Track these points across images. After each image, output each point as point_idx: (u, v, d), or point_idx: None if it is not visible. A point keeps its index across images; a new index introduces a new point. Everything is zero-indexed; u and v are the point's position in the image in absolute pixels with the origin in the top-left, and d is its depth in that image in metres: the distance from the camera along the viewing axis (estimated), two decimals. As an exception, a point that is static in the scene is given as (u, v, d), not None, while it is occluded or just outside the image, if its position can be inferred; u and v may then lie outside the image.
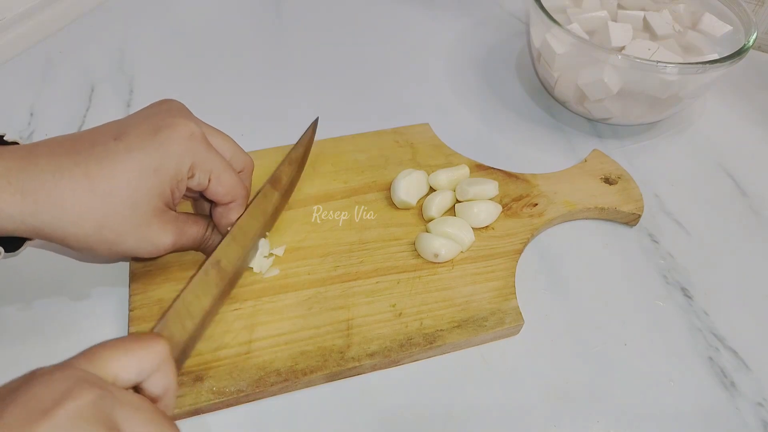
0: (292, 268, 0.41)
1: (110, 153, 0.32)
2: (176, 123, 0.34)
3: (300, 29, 0.67)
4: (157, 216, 0.33)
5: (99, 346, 0.26)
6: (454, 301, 0.40)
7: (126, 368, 0.26)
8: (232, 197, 0.37)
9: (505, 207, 0.46)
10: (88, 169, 0.31)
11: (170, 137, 0.33)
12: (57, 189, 0.30)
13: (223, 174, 0.36)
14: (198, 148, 0.34)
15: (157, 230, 0.34)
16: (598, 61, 0.48)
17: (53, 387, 0.23)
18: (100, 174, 0.31)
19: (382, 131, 0.52)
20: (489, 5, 0.73)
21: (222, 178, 0.36)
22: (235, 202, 0.38)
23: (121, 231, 0.32)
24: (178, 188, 0.34)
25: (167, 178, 0.33)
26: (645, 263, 0.45)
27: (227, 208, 0.38)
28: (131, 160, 0.32)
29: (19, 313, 0.40)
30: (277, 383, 0.35)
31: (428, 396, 0.37)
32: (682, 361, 0.40)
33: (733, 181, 0.52)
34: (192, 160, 0.34)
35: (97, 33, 0.64)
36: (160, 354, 0.28)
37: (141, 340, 0.27)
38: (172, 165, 0.33)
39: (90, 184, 0.31)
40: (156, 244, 0.34)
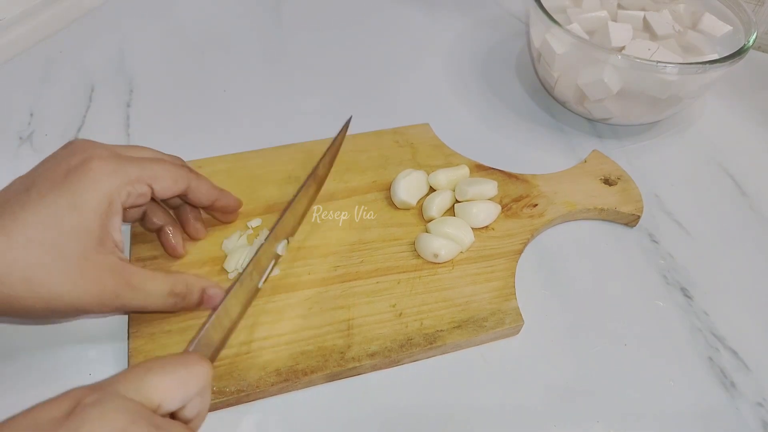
0: (292, 268, 0.41)
1: (23, 204, 0.30)
2: (85, 158, 0.32)
3: (300, 29, 0.67)
4: (91, 261, 0.30)
5: (145, 369, 0.25)
6: (454, 301, 0.40)
7: (172, 397, 0.25)
8: (184, 182, 0.36)
9: (505, 207, 0.46)
10: (3, 225, 0.29)
11: (84, 172, 0.31)
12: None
13: (158, 172, 0.34)
14: (118, 169, 0.32)
15: (94, 277, 0.30)
16: (598, 61, 0.48)
17: (107, 422, 0.22)
18: (16, 226, 0.29)
19: (382, 131, 0.52)
20: (489, 5, 0.73)
21: (160, 175, 0.34)
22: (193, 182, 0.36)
23: (50, 282, 0.29)
24: (109, 220, 0.32)
25: (90, 212, 0.30)
26: (645, 263, 0.45)
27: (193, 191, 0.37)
28: (45, 204, 0.30)
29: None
30: (277, 383, 0.35)
31: (428, 396, 0.37)
32: (682, 361, 0.40)
33: (733, 181, 0.52)
34: (118, 183, 0.32)
35: (97, 33, 0.64)
36: (204, 379, 0.27)
37: (187, 364, 0.26)
38: (94, 197, 0.31)
39: (8, 239, 0.29)
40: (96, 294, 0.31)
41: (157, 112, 0.55)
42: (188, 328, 0.37)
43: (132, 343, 0.37)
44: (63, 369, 0.37)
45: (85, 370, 0.37)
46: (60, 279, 0.30)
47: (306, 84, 0.60)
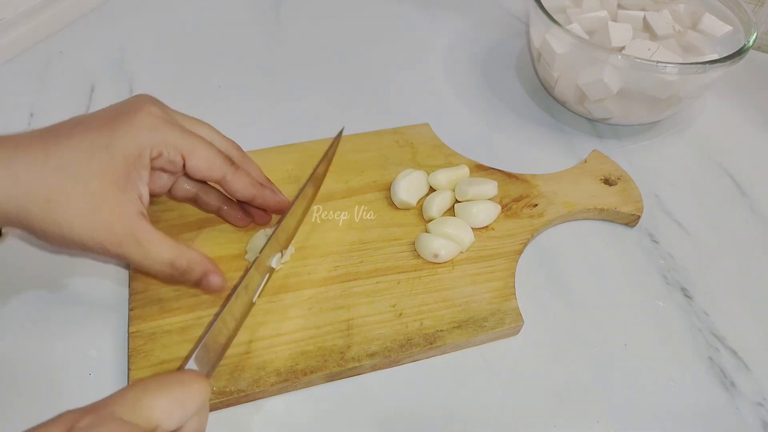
0: (292, 268, 0.41)
1: (68, 132, 0.32)
2: (138, 108, 0.33)
3: (300, 29, 0.67)
4: (108, 202, 0.31)
5: (141, 389, 0.25)
6: (454, 301, 0.40)
7: (170, 417, 0.25)
8: (219, 171, 0.36)
9: (505, 207, 0.46)
10: (45, 145, 0.31)
11: (129, 119, 0.33)
12: (14, 162, 0.30)
13: (197, 148, 0.34)
14: (161, 127, 0.33)
15: (105, 218, 0.31)
16: (598, 61, 0.48)
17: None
18: (55, 150, 0.31)
19: (382, 131, 0.52)
20: (489, 5, 0.73)
21: (197, 152, 0.34)
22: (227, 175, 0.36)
23: (66, 209, 0.30)
24: (136, 169, 0.32)
25: (119, 156, 0.31)
26: (645, 263, 0.45)
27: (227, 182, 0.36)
28: (86, 138, 0.31)
29: (18, 313, 0.40)
30: (277, 383, 0.35)
31: (428, 396, 0.37)
32: (682, 361, 0.40)
33: (733, 181, 0.52)
34: (154, 140, 0.33)
35: (97, 33, 0.64)
36: (202, 397, 0.26)
37: (184, 384, 0.26)
38: (126, 143, 0.32)
39: (45, 158, 0.30)
40: (102, 236, 0.31)
41: (157, 112, 0.55)
42: (188, 327, 0.38)
43: (132, 343, 0.37)
44: (63, 369, 0.37)
45: (85, 370, 0.37)
46: (75, 209, 0.31)
47: (306, 84, 0.60)
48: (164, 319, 0.38)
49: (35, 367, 0.37)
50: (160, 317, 0.38)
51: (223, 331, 0.32)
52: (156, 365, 0.36)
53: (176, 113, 0.36)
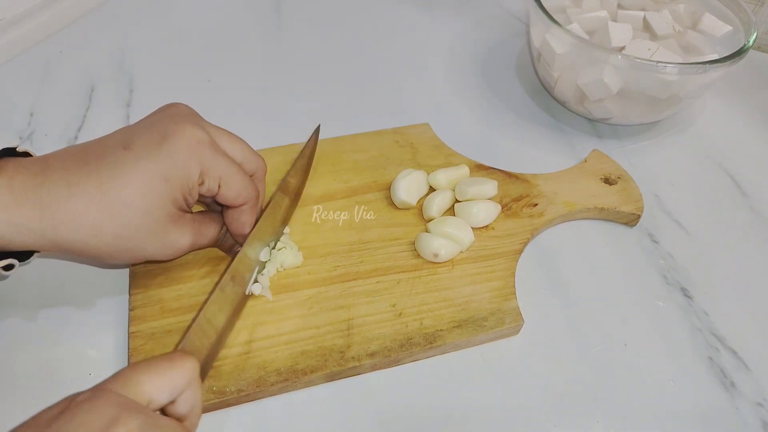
0: (292, 267, 0.41)
1: (119, 163, 0.32)
2: (182, 129, 0.33)
3: (300, 29, 0.67)
4: (173, 221, 0.34)
5: (131, 368, 0.26)
6: (454, 301, 0.40)
7: (160, 390, 0.26)
8: (243, 200, 0.37)
9: (505, 207, 0.46)
10: (99, 180, 0.31)
11: (177, 145, 0.33)
12: (71, 203, 0.30)
13: (232, 178, 0.35)
14: (205, 154, 0.34)
15: (175, 234, 0.34)
16: (598, 61, 0.48)
17: (100, 414, 0.23)
18: (112, 185, 0.31)
19: (382, 131, 0.52)
20: (489, 5, 0.73)
21: (231, 183, 0.35)
22: (246, 205, 0.37)
23: (139, 239, 0.32)
24: (190, 194, 0.34)
25: (177, 185, 0.33)
26: (645, 263, 0.45)
27: (239, 211, 0.37)
28: (141, 169, 0.32)
29: (19, 313, 0.40)
30: (277, 383, 0.35)
31: (428, 396, 0.37)
32: (682, 361, 0.40)
33: (733, 181, 0.52)
34: (200, 167, 0.34)
35: (97, 33, 0.64)
36: (190, 373, 0.28)
37: (172, 360, 0.27)
38: (181, 173, 0.33)
39: (103, 196, 0.31)
40: (175, 247, 0.35)
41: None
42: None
43: (132, 343, 0.37)
44: (63, 369, 0.37)
45: (85, 370, 0.37)
46: (148, 237, 0.33)
47: (306, 84, 0.60)
48: (164, 319, 0.38)
49: (35, 367, 0.37)
50: (160, 317, 0.38)
51: (209, 324, 0.33)
52: (156, 365, 0.36)
53: (213, 129, 0.36)
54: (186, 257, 0.41)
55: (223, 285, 0.35)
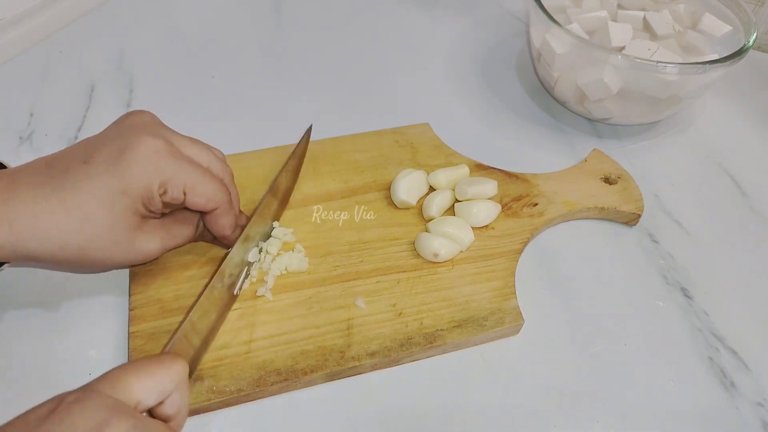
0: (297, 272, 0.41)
1: (80, 178, 0.32)
2: (140, 141, 0.33)
3: (300, 29, 0.67)
4: (139, 229, 0.34)
5: (120, 370, 0.27)
6: (454, 300, 0.40)
7: (148, 392, 0.26)
8: (214, 204, 0.36)
9: (505, 207, 0.46)
10: (63, 195, 0.31)
11: (134, 158, 0.32)
12: (37, 218, 0.31)
13: (198, 184, 0.35)
14: (165, 164, 0.33)
15: (143, 241, 0.34)
16: (598, 61, 0.48)
17: (89, 416, 0.23)
18: (74, 201, 0.31)
19: (382, 131, 0.52)
20: (489, 5, 0.73)
21: (198, 189, 0.35)
22: (218, 209, 0.36)
23: (106, 249, 0.32)
24: (152, 204, 0.33)
25: (137, 197, 0.32)
26: (645, 263, 0.45)
27: (214, 216, 0.37)
28: (99, 184, 0.32)
29: (19, 313, 0.40)
30: (277, 383, 0.35)
31: (428, 396, 0.37)
32: (682, 361, 0.40)
33: (733, 181, 0.52)
34: (160, 178, 0.33)
35: (97, 33, 0.64)
36: (179, 375, 0.28)
37: (161, 362, 0.28)
38: (139, 185, 0.32)
39: (66, 210, 0.31)
40: (144, 252, 0.34)
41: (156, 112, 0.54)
42: (188, 327, 0.37)
43: (132, 343, 0.37)
44: (63, 369, 0.37)
45: (85, 369, 0.37)
46: (114, 247, 0.33)
47: (306, 84, 0.60)
48: (164, 319, 0.38)
49: (35, 367, 0.37)
50: (160, 317, 0.38)
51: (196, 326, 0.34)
52: (156, 365, 0.36)
53: (174, 137, 0.36)
54: (186, 257, 0.41)
55: (212, 287, 0.35)
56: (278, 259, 0.41)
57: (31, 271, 0.42)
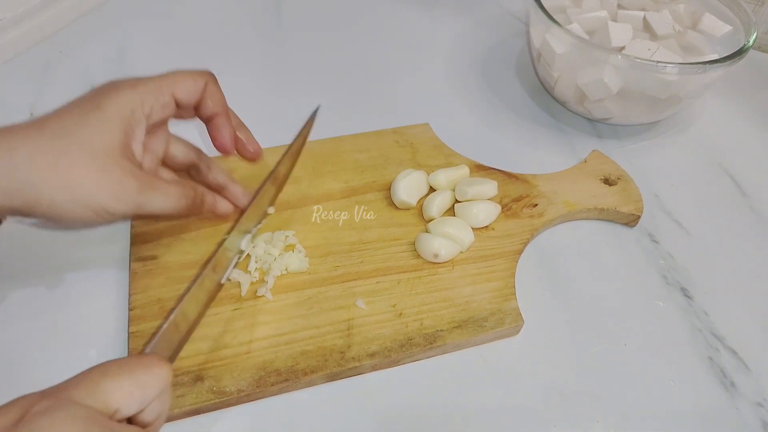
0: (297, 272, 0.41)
1: (57, 111, 0.32)
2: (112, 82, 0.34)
3: (300, 29, 0.67)
4: (115, 161, 0.31)
5: (99, 372, 0.24)
6: (454, 301, 0.40)
7: (129, 400, 0.24)
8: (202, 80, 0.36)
9: (505, 207, 0.46)
10: (37, 122, 0.31)
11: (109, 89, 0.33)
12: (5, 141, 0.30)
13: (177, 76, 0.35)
14: (140, 83, 0.34)
15: (117, 176, 0.31)
16: (598, 61, 0.48)
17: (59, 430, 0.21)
18: (48, 122, 0.31)
19: (382, 131, 0.52)
20: (489, 5, 0.73)
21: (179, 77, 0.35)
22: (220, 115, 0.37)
23: (76, 173, 0.30)
24: (131, 127, 0.33)
25: (112, 113, 0.32)
26: (645, 263, 0.45)
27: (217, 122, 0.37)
28: (75, 105, 0.32)
29: (18, 313, 0.40)
30: (277, 383, 0.35)
31: (428, 396, 0.37)
32: (682, 361, 0.40)
33: (733, 181, 0.52)
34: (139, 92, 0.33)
35: (97, 33, 0.64)
36: (163, 381, 0.26)
37: (145, 365, 0.25)
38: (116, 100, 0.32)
39: (39, 131, 0.30)
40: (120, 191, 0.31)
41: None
42: (188, 328, 0.37)
43: (132, 343, 0.37)
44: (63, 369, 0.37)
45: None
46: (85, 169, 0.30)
47: (306, 84, 0.60)
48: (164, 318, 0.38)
49: (35, 366, 0.37)
50: (160, 317, 0.38)
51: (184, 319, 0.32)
52: (156, 365, 0.36)
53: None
54: (186, 257, 0.41)
55: (203, 278, 0.34)
56: (279, 259, 0.41)
57: (32, 270, 0.42)
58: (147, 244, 0.42)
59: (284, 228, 0.44)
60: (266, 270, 0.40)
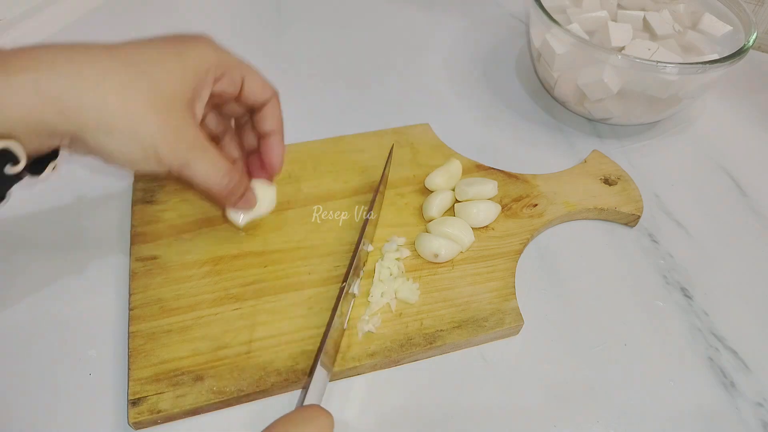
0: (292, 268, 0.41)
1: (135, 41, 0.32)
2: (202, 35, 0.34)
3: (300, 29, 0.67)
4: (178, 109, 0.32)
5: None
6: (454, 301, 0.40)
7: None
8: (270, 93, 0.38)
9: (505, 207, 0.46)
10: (111, 47, 0.30)
11: (195, 41, 0.33)
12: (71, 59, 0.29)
13: (252, 72, 0.36)
14: (223, 51, 0.35)
15: (176, 124, 0.31)
16: (598, 61, 0.49)
17: None
18: (123, 50, 0.30)
19: (382, 131, 0.52)
20: (489, 5, 0.73)
21: (253, 76, 0.36)
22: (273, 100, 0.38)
23: (140, 107, 0.30)
24: (201, 86, 0.33)
25: (190, 66, 0.32)
26: (645, 263, 0.45)
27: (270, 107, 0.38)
28: (155, 45, 0.32)
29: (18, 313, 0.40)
30: (277, 383, 0.35)
31: (428, 396, 0.37)
32: (682, 361, 0.40)
33: (733, 181, 0.52)
34: (218, 58, 0.34)
35: (97, 33, 0.64)
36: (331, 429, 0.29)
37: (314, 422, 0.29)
38: (197, 55, 0.33)
39: (111, 56, 0.30)
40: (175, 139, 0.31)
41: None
42: (188, 327, 0.38)
43: (132, 343, 0.37)
44: (63, 369, 0.37)
45: (85, 370, 0.37)
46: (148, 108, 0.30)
47: (306, 84, 0.60)
48: (164, 319, 0.38)
49: (35, 366, 0.37)
50: (160, 317, 0.38)
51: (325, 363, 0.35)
52: (156, 365, 0.36)
53: None
54: (186, 257, 0.41)
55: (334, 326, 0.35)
56: (389, 281, 0.40)
57: (32, 270, 0.42)
58: (147, 244, 0.42)
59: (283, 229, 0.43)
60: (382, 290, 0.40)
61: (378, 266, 0.40)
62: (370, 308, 0.39)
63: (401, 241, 0.43)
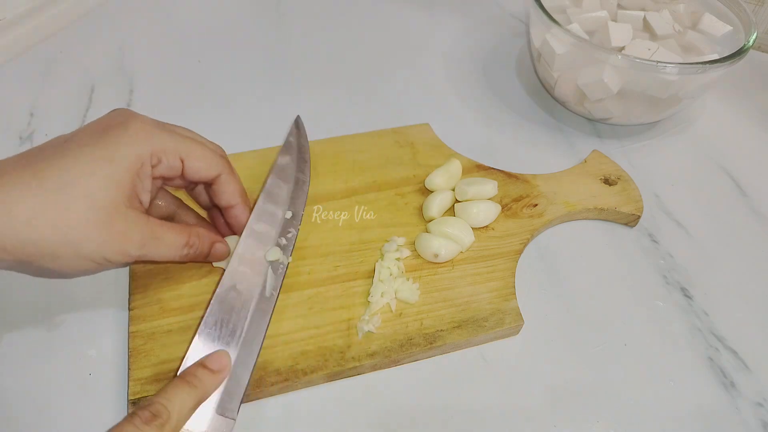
0: (292, 268, 0.41)
1: (59, 151, 0.30)
2: (127, 120, 0.32)
3: (300, 29, 0.67)
4: (120, 213, 0.31)
5: None
6: (454, 301, 0.40)
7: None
8: (216, 169, 0.35)
9: (505, 207, 0.46)
10: (36, 169, 0.29)
11: (124, 129, 0.31)
12: (4, 192, 0.28)
13: (194, 149, 0.34)
14: (156, 134, 0.32)
15: (121, 229, 0.31)
16: (598, 61, 0.49)
17: None
18: (50, 171, 0.29)
19: (382, 131, 0.52)
20: (489, 5, 0.73)
21: (195, 153, 0.34)
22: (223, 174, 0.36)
23: (80, 229, 0.29)
24: (140, 179, 0.32)
25: (124, 168, 0.31)
26: (645, 263, 0.45)
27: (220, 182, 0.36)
28: (82, 153, 0.30)
29: (18, 313, 0.40)
30: (277, 383, 0.35)
31: (428, 396, 0.37)
32: (682, 361, 0.40)
33: (733, 181, 0.52)
34: (152, 147, 0.32)
35: (97, 33, 0.64)
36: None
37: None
38: (129, 153, 0.31)
39: (39, 182, 0.28)
40: (122, 242, 0.31)
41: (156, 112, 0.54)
42: (188, 327, 0.38)
43: (132, 343, 0.37)
44: (63, 369, 0.37)
45: (85, 370, 0.37)
46: (90, 228, 0.29)
47: (306, 84, 0.60)
48: (164, 319, 0.38)
49: (35, 367, 0.37)
50: (160, 317, 0.38)
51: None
52: (156, 365, 0.36)
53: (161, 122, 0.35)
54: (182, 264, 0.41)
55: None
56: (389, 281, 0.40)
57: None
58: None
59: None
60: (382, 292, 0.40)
61: (378, 266, 0.40)
62: (370, 308, 0.39)
63: (401, 241, 0.43)
